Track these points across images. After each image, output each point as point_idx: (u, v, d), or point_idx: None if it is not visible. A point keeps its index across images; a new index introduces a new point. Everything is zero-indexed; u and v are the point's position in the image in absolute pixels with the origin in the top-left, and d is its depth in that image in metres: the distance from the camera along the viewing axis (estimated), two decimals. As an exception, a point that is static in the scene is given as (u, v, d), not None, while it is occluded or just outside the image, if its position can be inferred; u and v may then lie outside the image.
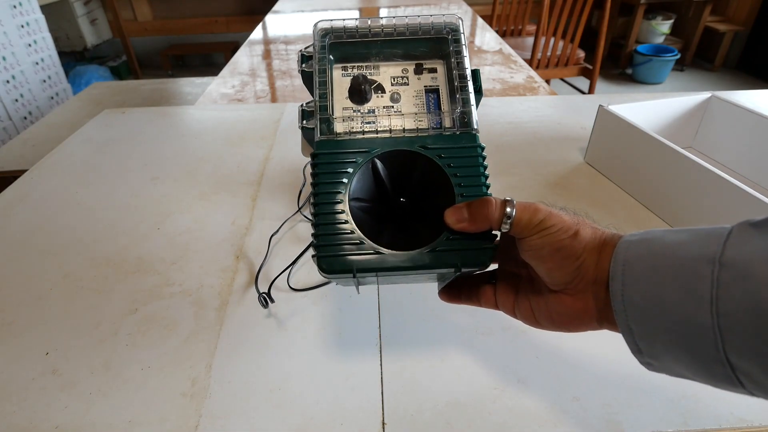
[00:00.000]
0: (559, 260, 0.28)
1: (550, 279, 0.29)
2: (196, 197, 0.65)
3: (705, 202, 0.52)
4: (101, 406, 0.38)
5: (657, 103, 0.69)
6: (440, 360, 0.41)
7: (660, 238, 0.26)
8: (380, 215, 0.33)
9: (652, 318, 0.24)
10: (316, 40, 0.36)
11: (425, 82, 0.36)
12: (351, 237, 0.31)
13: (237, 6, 3.51)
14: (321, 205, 0.32)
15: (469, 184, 0.32)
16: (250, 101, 1.07)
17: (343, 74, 0.36)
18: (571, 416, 0.37)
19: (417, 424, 0.37)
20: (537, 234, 0.28)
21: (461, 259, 0.31)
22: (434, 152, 0.33)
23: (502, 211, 0.29)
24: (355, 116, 0.35)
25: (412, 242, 0.31)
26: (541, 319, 0.31)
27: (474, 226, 0.30)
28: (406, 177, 0.34)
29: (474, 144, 0.33)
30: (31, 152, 1.06)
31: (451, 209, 0.30)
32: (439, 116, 0.35)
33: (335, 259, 0.31)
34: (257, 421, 0.37)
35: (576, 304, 0.29)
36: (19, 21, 2.04)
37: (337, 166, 0.33)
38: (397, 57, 0.37)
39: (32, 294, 0.49)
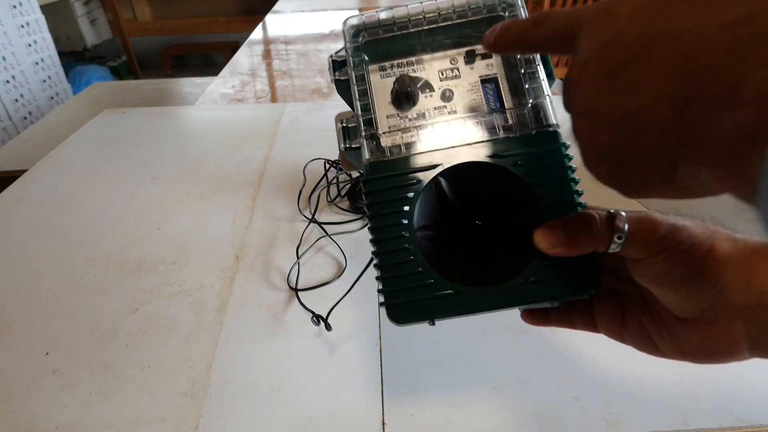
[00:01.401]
0: (690, 289, 0.22)
1: (679, 307, 0.23)
2: (196, 197, 0.65)
3: (705, 201, 0.52)
4: (101, 406, 0.38)
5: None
6: (440, 360, 0.41)
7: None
8: (451, 242, 0.28)
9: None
10: (348, 40, 0.31)
11: (479, 71, 0.30)
12: (423, 277, 0.26)
13: (237, 6, 3.51)
14: (382, 243, 0.27)
15: (556, 195, 0.26)
16: (250, 101, 1.07)
17: (382, 75, 0.31)
18: (571, 416, 0.37)
19: (417, 424, 0.37)
20: (659, 255, 0.22)
21: (561, 289, 0.25)
22: (508, 160, 0.27)
23: (610, 227, 0.23)
24: (404, 124, 0.30)
25: (494, 271, 0.26)
26: (666, 350, 0.25)
27: (574, 250, 0.23)
28: (477, 192, 0.29)
29: (556, 144, 0.27)
30: (31, 152, 1.06)
31: (541, 230, 0.24)
32: (503, 112, 0.29)
33: (409, 307, 0.26)
34: (257, 421, 0.37)
35: (719, 335, 0.23)
36: (19, 21, 2.04)
37: (396, 191, 0.27)
38: (443, 46, 0.31)
39: (32, 294, 0.49)
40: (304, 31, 1.61)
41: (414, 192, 0.27)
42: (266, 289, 0.49)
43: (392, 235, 0.27)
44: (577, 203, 0.26)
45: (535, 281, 0.25)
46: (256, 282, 0.50)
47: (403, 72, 0.31)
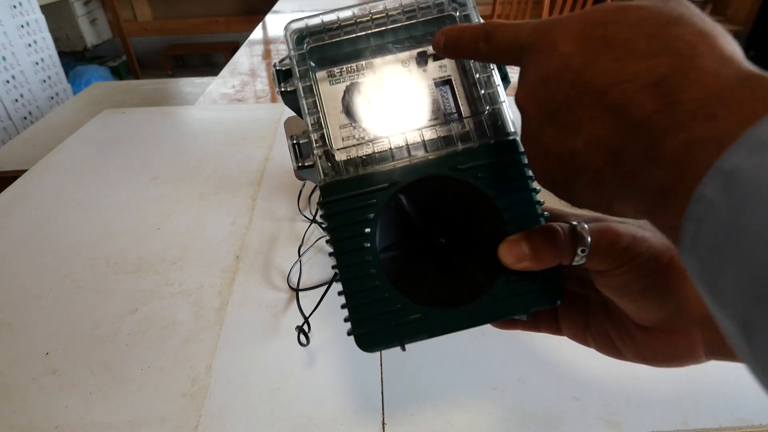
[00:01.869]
0: (651, 299, 0.23)
1: (640, 316, 0.24)
2: (196, 197, 0.65)
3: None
4: (101, 406, 0.38)
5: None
6: (440, 360, 0.41)
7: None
8: (416, 260, 0.27)
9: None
10: (292, 48, 0.29)
11: (433, 74, 0.29)
12: (390, 302, 0.25)
13: (237, 6, 3.51)
14: (345, 269, 0.25)
15: (520, 208, 0.26)
16: (250, 101, 1.07)
17: (331, 82, 0.29)
18: (571, 416, 0.37)
19: (417, 424, 0.37)
20: (620, 268, 0.22)
21: (528, 302, 0.25)
22: (469, 173, 0.26)
23: (573, 240, 0.23)
24: (359, 134, 0.28)
25: (462, 289, 0.26)
26: (628, 354, 0.25)
27: (539, 264, 0.24)
28: (440, 208, 0.28)
29: (516, 153, 0.26)
30: (31, 152, 1.06)
31: (506, 245, 0.24)
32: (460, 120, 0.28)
33: (377, 334, 0.25)
34: (257, 421, 0.37)
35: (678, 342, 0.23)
36: (19, 21, 2.04)
37: (355, 214, 0.26)
38: (393, 47, 0.29)
39: (32, 294, 0.49)
40: (304, 31, 1.60)
41: (374, 213, 0.26)
42: (266, 289, 0.49)
43: (355, 260, 0.25)
44: (540, 214, 0.26)
45: (503, 297, 0.25)
46: (256, 282, 0.50)
47: (353, 78, 0.29)
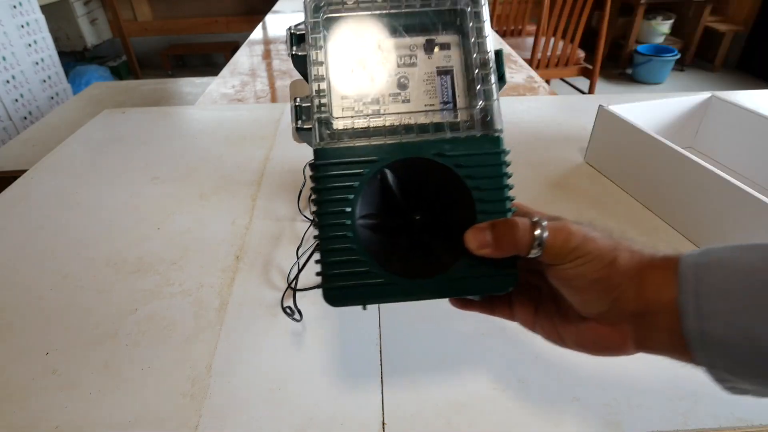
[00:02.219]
0: (594, 293, 0.26)
1: (583, 308, 0.27)
2: (196, 197, 0.65)
3: (705, 202, 0.52)
4: (101, 406, 0.38)
5: (657, 103, 0.69)
6: (440, 360, 0.41)
7: (729, 259, 0.23)
8: (392, 230, 0.30)
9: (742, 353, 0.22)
10: (309, 16, 0.30)
11: (437, 62, 0.31)
12: (360, 264, 0.28)
13: (237, 6, 3.51)
14: (325, 228, 0.28)
15: (491, 199, 0.28)
16: (250, 101, 1.07)
17: (341, 54, 0.31)
18: (571, 416, 0.37)
19: (417, 424, 0.37)
20: (571, 263, 0.25)
21: (481, 286, 0.28)
22: (452, 160, 0.28)
23: (532, 234, 0.25)
24: (358, 107, 0.30)
25: (428, 264, 0.28)
26: (569, 342, 0.29)
27: (499, 252, 0.26)
28: (421, 187, 0.30)
29: (497, 150, 0.29)
30: (31, 152, 1.06)
31: (472, 231, 0.27)
32: (454, 110, 0.30)
33: (343, 291, 0.28)
34: (257, 421, 0.37)
35: (612, 334, 0.26)
36: (19, 21, 2.04)
37: (342, 179, 0.28)
38: (404, 30, 0.31)
39: (32, 294, 0.49)
40: (304, 31, 1.60)
41: (359, 182, 0.28)
42: (266, 289, 0.49)
43: (334, 221, 0.28)
44: (508, 209, 0.28)
45: (462, 277, 0.28)
46: (256, 282, 0.50)
47: (362, 53, 0.31)
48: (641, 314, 0.25)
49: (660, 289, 0.24)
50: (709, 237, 0.53)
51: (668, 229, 0.57)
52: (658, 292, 0.24)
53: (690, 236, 0.55)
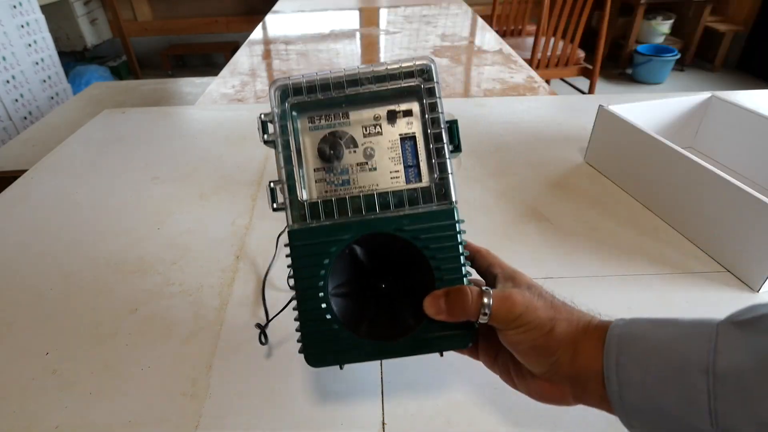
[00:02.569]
0: (534, 356, 0.29)
1: (528, 367, 0.30)
2: (196, 197, 0.65)
3: (705, 202, 0.52)
4: (101, 406, 0.38)
5: (657, 103, 0.69)
6: (440, 360, 0.41)
7: (648, 334, 0.26)
8: (362, 294, 0.33)
9: (653, 420, 0.25)
10: (275, 104, 0.33)
11: (400, 129, 0.33)
12: (333, 333, 0.31)
13: (237, 6, 3.51)
14: (302, 302, 0.32)
15: (447, 267, 0.31)
16: (250, 101, 1.07)
17: (310, 128, 0.33)
18: (571, 416, 0.37)
19: (417, 424, 0.37)
20: (513, 330, 0.29)
21: (443, 344, 0.32)
22: (410, 234, 0.32)
23: (479, 302, 0.29)
24: (329, 178, 0.33)
25: (395, 325, 0.32)
26: (520, 387, 0.32)
27: (452, 317, 0.30)
28: (386, 256, 0.33)
29: (452, 221, 0.32)
30: (31, 152, 1.06)
31: (429, 299, 0.31)
32: (417, 174, 0.33)
33: (321, 355, 0.32)
34: (257, 421, 0.37)
35: (553, 389, 0.30)
36: (19, 21, 2.04)
37: (315, 258, 0.32)
38: (367, 102, 0.33)
39: (32, 294, 0.49)
40: (304, 31, 1.61)
41: (329, 259, 0.32)
42: (266, 289, 0.49)
43: (311, 296, 0.31)
44: (464, 275, 0.32)
45: (425, 338, 0.31)
46: (256, 282, 0.50)
47: (330, 126, 0.33)
48: (575, 378, 0.28)
49: (589, 359, 0.27)
50: (709, 237, 0.53)
51: (668, 229, 0.57)
52: (588, 361, 0.27)
53: (690, 236, 0.55)
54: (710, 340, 0.24)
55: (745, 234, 0.48)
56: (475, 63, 1.29)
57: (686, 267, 0.51)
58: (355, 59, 1.33)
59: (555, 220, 0.59)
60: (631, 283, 0.49)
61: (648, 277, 0.50)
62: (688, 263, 0.52)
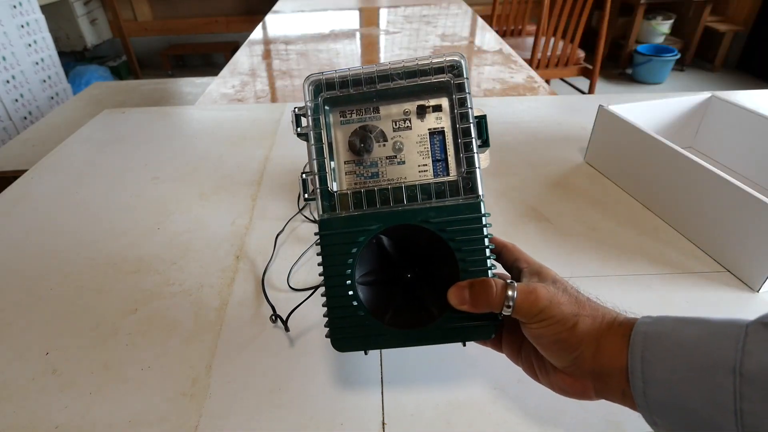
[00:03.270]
0: (557, 351, 0.29)
1: (550, 361, 0.30)
2: (196, 197, 0.65)
3: (705, 202, 0.52)
4: (101, 406, 0.38)
5: (657, 103, 0.69)
6: (440, 360, 0.41)
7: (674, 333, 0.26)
8: (388, 283, 0.34)
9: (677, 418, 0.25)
10: (309, 99, 0.33)
11: (429, 123, 0.34)
12: (360, 320, 0.32)
13: (237, 6, 3.51)
14: (331, 288, 0.32)
15: (472, 259, 0.32)
16: (250, 101, 1.07)
17: (342, 122, 0.34)
18: (571, 416, 0.37)
19: (417, 424, 0.37)
20: (537, 324, 0.29)
21: (465, 335, 0.32)
22: (436, 226, 0.32)
23: (503, 294, 0.29)
24: (358, 171, 0.34)
25: (419, 313, 0.33)
26: (543, 380, 0.32)
27: (475, 308, 0.30)
28: (412, 247, 0.34)
29: (478, 215, 0.32)
30: (31, 152, 1.06)
31: (453, 290, 0.31)
32: (444, 168, 0.33)
33: (347, 340, 0.33)
34: (257, 421, 0.37)
35: (575, 384, 0.30)
36: (19, 21, 2.04)
37: (343, 247, 0.32)
38: (397, 97, 0.34)
39: (32, 294, 0.49)
40: (304, 31, 1.61)
41: (357, 248, 0.32)
42: (266, 289, 0.49)
43: (339, 283, 0.32)
44: (489, 267, 0.32)
45: (448, 327, 0.32)
46: (256, 282, 0.50)
47: (361, 120, 0.34)
48: (598, 373, 0.28)
49: (613, 355, 0.27)
50: (709, 237, 0.53)
51: (668, 229, 0.57)
52: (612, 357, 0.27)
53: (690, 236, 0.55)
54: (739, 341, 0.23)
55: (745, 234, 0.48)
56: (475, 63, 1.29)
57: (686, 267, 0.51)
58: (355, 59, 1.33)
59: (555, 220, 0.59)
60: (631, 283, 0.49)
61: (648, 277, 0.50)
62: (688, 263, 0.52)
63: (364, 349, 0.33)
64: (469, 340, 0.32)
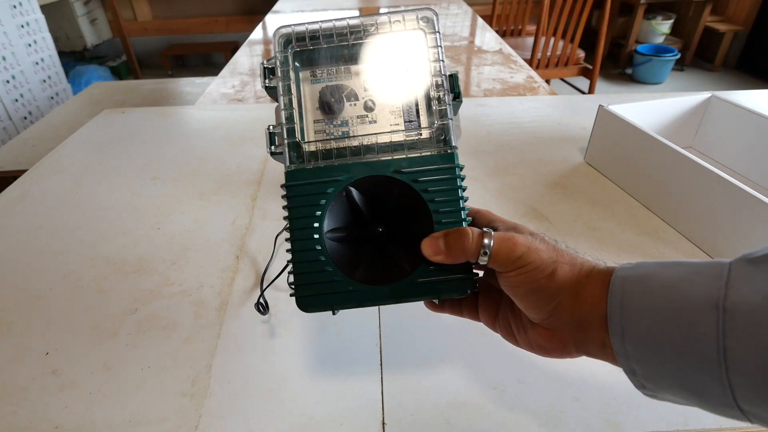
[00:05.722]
0: (535, 300, 0.28)
1: (527, 314, 0.29)
2: (196, 197, 0.65)
3: (705, 202, 0.52)
4: (101, 406, 0.38)
5: (657, 103, 0.69)
6: (440, 360, 0.41)
7: (655, 274, 0.25)
8: (358, 240, 0.32)
9: (656, 363, 0.24)
10: (278, 50, 0.33)
11: (401, 83, 0.33)
12: (327, 275, 0.30)
13: (237, 6, 3.51)
14: (296, 242, 0.30)
15: (447, 210, 0.31)
16: (250, 101, 1.07)
17: (312, 80, 0.33)
18: (571, 416, 0.37)
19: (417, 424, 0.37)
20: (514, 271, 0.28)
21: (440, 289, 0.30)
22: (409, 176, 0.31)
23: (479, 243, 0.28)
24: (328, 129, 0.33)
25: (391, 269, 0.31)
26: (521, 342, 0.31)
27: (451, 258, 0.29)
28: (383, 201, 0.32)
29: (451, 165, 0.31)
30: (31, 152, 1.06)
31: (427, 240, 0.30)
32: (417, 127, 0.32)
33: (313, 298, 0.30)
34: (257, 421, 0.37)
35: (554, 338, 0.29)
36: (19, 21, 2.04)
37: (311, 198, 0.31)
38: (369, 57, 0.33)
39: (32, 294, 0.49)
40: (304, 31, 1.61)
41: (326, 200, 0.31)
42: (265, 289, 0.49)
43: (305, 236, 0.30)
44: (463, 219, 0.31)
45: (421, 282, 0.30)
46: (256, 282, 0.50)
47: (331, 79, 0.33)
48: (577, 324, 0.27)
49: (593, 302, 0.26)
50: (709, 237, 0.53)
51: (668, 229, 0.57)
52: (591, 305, 0.26)
53: (690, 236, 0.55)
54: (722, 277, 0.22)
55: (745, 234, 0.48)
56: (475, 63, 1.29)
57: (686, 267, 0.51)
58: (355, 59, 1.33)
59: (555, 220, 0.59)
60: (631, 283, 0.49)
61: (648, 277, 0.50)
62: (688, 263, 0.52)
63: (332, 309, 0.30)
64: (444, 296, 0.31)
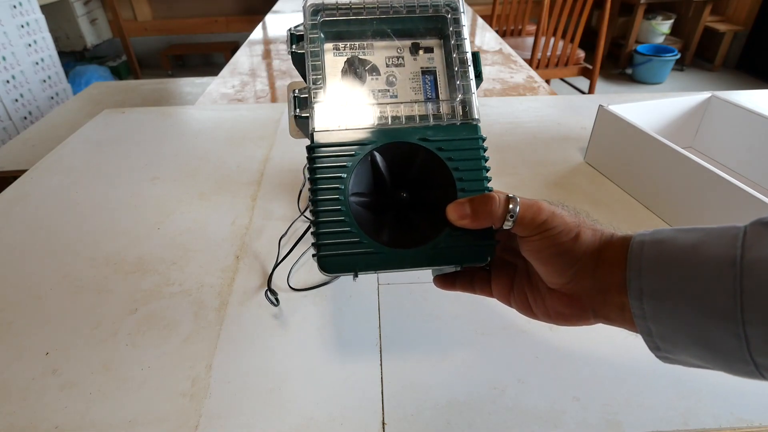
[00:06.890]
0: (558, 264, 0.28)
1: (548, 279, 0.30)
2: (196, 197, 0.65)
3: (705, 202, 0.52)
4: (101, 406, 0.38)
5: (657, 103, 0.69)
6: (440, 360, 0.41)
7: (672, 239, 0.25)
8: (380, 207, 0.33)
9: (674, 321, 0.24)
10: (307, 18, 0.34)
11: (422, 63, 0.34)
12: (351, 235, 0.30)
13: (237, 6, 3.51)
14: (320, 202, 0.31)
15: (470, 179, 0.31)
16: (250, 101, 1.07)
17: (335, 53, 0.34)
18: (571, 416, 0.37)
19: (417, 424, 0.37)
20: (539, 235, 0.28)
21: (462, 256, 0.31)
22: (434, 144, 0.32)
23: (506, 208, 0.29)
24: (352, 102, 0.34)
25: (413, 235, 0.31)
26: (538, 312, 0.31)
27: (476, 223, 0.30)
28: (406, 168, 0.33)
29: (475, 136, 0.32)
30: (31, 152, 1.06)
31: (453, 205, 0.30)
32: (437, 102, 0.34)
33: (336, 259, 0.30)
34: (257, 421, 0.37)
35: (573, 304, 0.29)
36: (19, 21, 2.04)
37: (335, 159, 0.31)
38: (392, 35, 0.35)
39: (32, 294, 0.49)
40: (304, 31, 1.60)
41: (351, 162, 0.31)
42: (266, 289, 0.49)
43: (329, 197, 0.31)
44: (485, 187, 0.32)
45: (444, 248, 0.31)
46: (256, 282, 0.50)
47: (354, 53, 0.34)
48: (596, 288, 0.28)
49: (613, 265, 0.27)
50: (709, 237, 0.53)
51: (668, 229, 0.57)
52: (612, 268, 0.27)
53: (690, 236, 0.55)
54: (738, 238, 0.23)
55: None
56: (475, 63, 1.28)
57: (686, 267, 0.51)
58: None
59: (555, 220, 0.59)
60: (631, 283, 0.49)
61: (648, 277, 0.50)
62: (688, 263, 0.52)
63: (354, 271, 0.31)
64: (465, 264, 0.31)
